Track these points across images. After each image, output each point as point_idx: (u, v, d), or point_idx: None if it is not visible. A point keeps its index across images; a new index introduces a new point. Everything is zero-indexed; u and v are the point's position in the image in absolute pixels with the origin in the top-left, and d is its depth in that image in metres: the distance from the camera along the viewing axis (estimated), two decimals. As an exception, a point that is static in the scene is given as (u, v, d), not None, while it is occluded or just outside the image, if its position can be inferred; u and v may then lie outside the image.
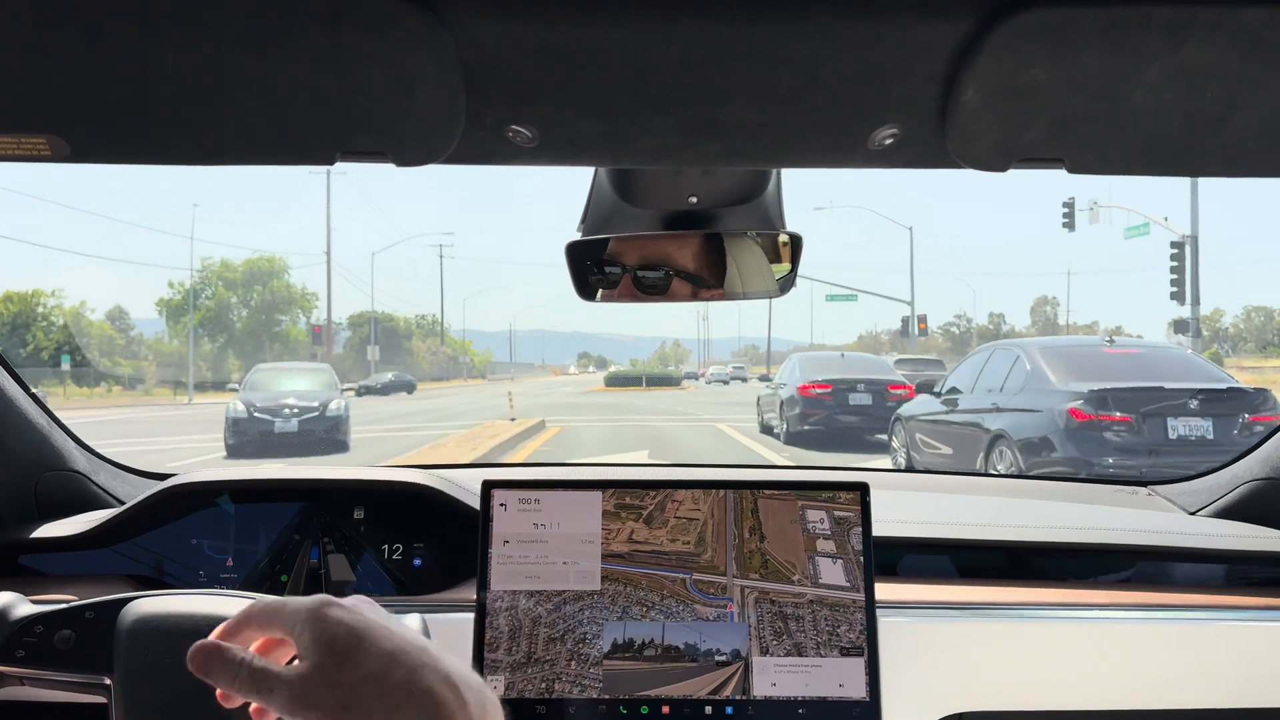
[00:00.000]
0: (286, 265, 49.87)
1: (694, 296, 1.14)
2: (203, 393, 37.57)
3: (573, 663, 1.04)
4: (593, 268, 1.15)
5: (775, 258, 1.16)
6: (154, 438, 14.54)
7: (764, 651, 1.04)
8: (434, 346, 66.89)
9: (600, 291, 1.16)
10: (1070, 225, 23.25)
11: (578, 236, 1.15)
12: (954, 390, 7.89)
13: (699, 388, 40.70)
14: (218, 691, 0.62)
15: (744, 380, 54.46)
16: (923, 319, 31.70)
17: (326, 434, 12.70)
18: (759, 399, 14.64)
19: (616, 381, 42.43)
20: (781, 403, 12.45)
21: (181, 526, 1.29)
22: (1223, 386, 6.62)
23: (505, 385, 51.03)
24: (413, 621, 0.96)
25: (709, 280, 1.13)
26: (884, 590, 1.13)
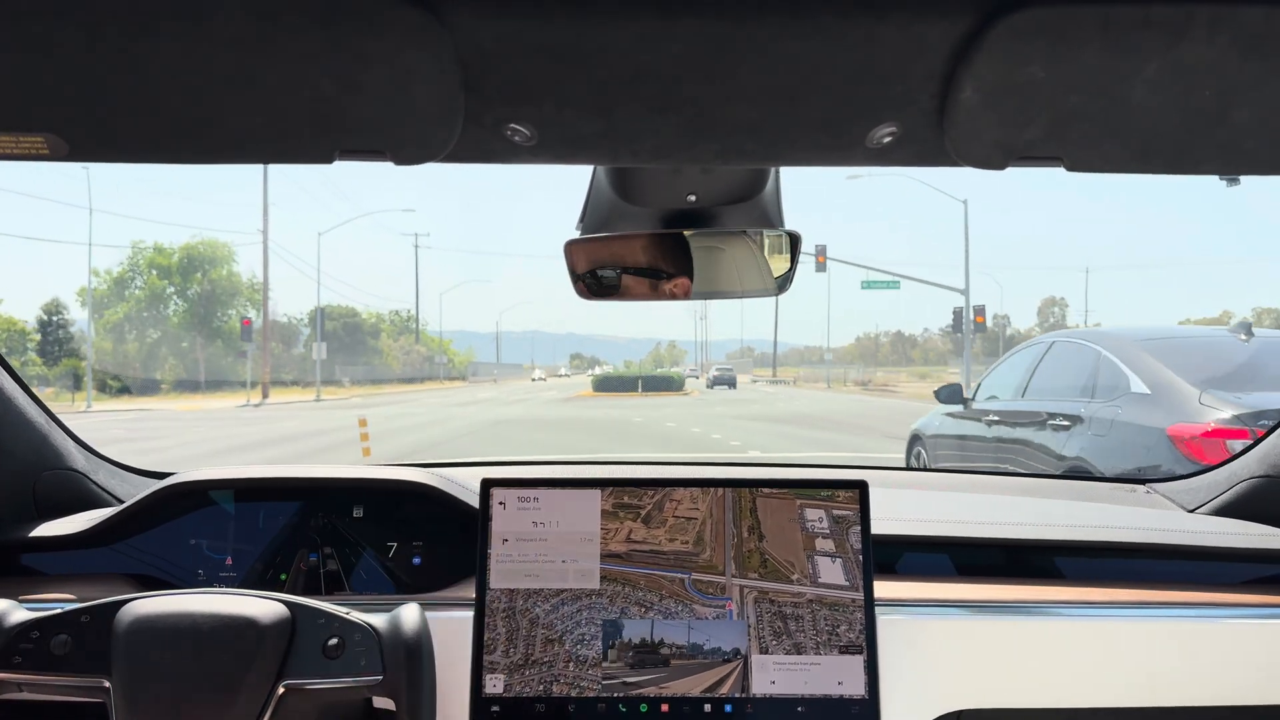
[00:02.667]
0: (231, 252, 48.95)
1: (689, 292, 1.24)
2: (114, 397, 34.98)
3: (570, 664, 1.14)
4: (588, 265, 1.25)
5: (774, 256, 1.30)
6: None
7: (763, 650, 1.14)
8: (407, 345, 65.29)
9: (595, 288, 1.26)
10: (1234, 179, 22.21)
11: (576, 235, 1.25)
12: (992, 398, 6.25)
13: (703, 393, 40.32)
14: None
15: (695, 378, 56.42)
16: (980, 310, 27.91)
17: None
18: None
19: (607, 385, 40.04)
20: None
21: (181, 525, 1.39)
22: None
23: (488, 389, 50.53)
24: (411, 609, 1.06)
25: (703, 274, 1.23)
26: (883, 588, 1.23)
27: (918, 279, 31.74)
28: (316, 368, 37.79)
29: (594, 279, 1.27)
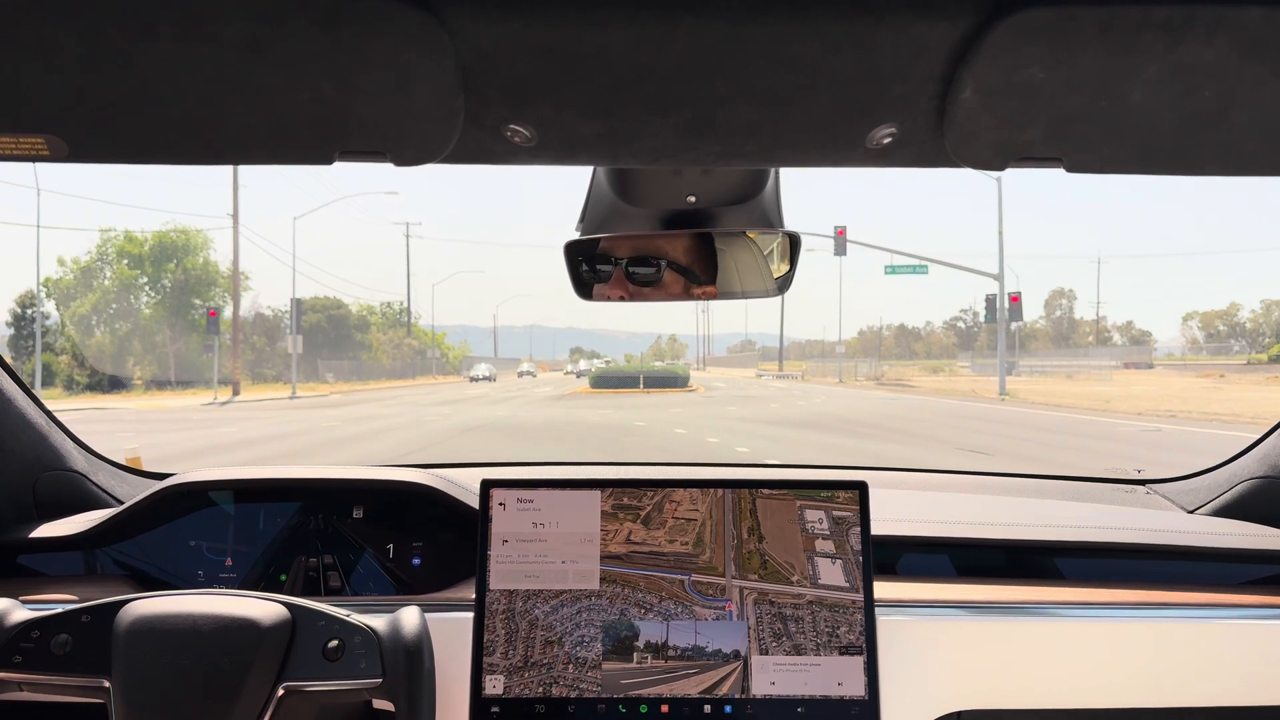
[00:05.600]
0: (208, 240, 48.51)
1: (687, 293, 1.31)
2: (76, 395, 34.34)
3: (570, 666, 1.20)
4: (587, 265, 1.32)
5: (774, 256, 1.36)
6: None
7: (763, 651, 1.21)
8: (397, 339, 64.84)
9: (595, 289, 1.33)
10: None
11: (576, 235, 1.32)
12: None
13: (709, 389, 39.79)
14: None
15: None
16: (1016, 294, 28.10)
17: None
18: None
19: (606, 382, 38.79)
20: None
21: (180, 526, 1.47)
22: None
23: (481, 384, 50.14)
24: (410, 612, 1.12)
25: (702, 275, 1.30)
26: (883, 589, 1.31)
27: (947, 263, 31.37)
28: (293, 362, 36.95)
29: (588, 277, 1.34)
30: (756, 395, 32.34)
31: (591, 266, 1.33)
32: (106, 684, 1.05)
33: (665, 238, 1.30)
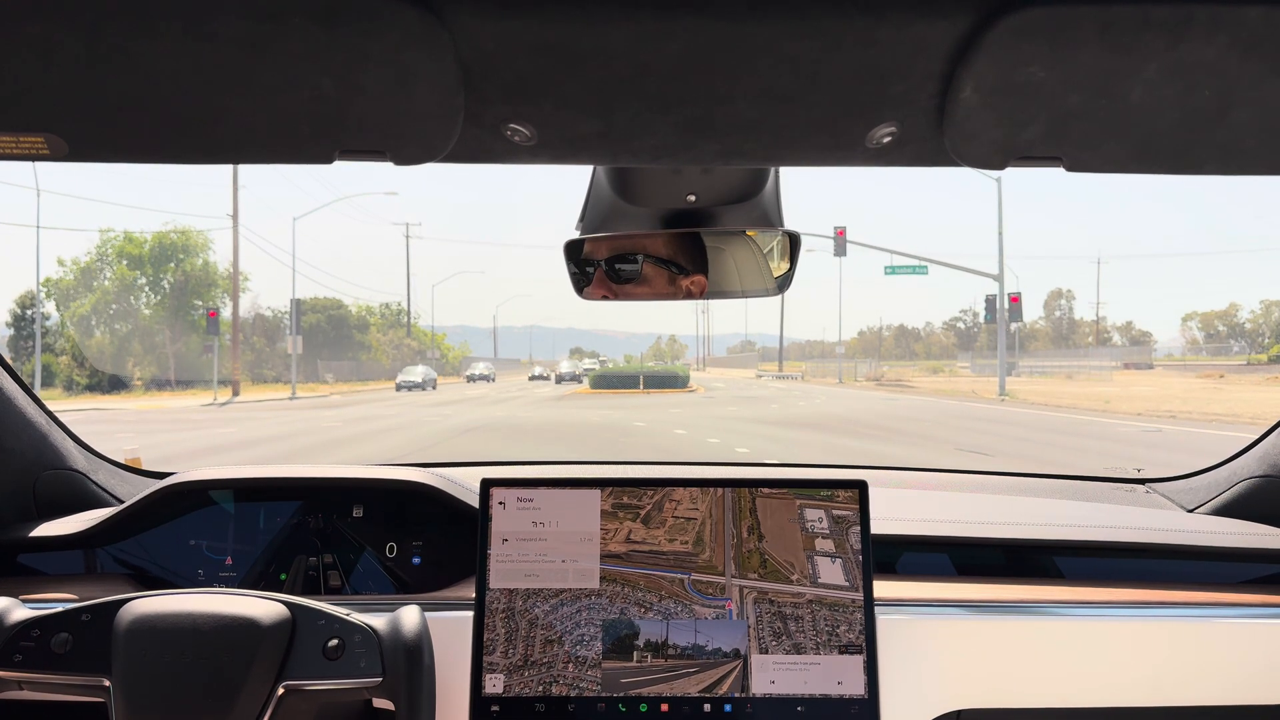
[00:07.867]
0: (207, 240, 48.55)
1: (674, 285, 1.31)
2: (75, 395, 34.23)
3: (570, 665, 1.21)
4: (576, 266, 1.33)
5: (774, 255, 1.37)
6: None
7: (763, 650, 1.21)
8: (397, 339, 64.93)
9: (584, 289, 1.33)
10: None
11: (576, 235, 1.32)
12: None
13: (709, 389, 39.55)
14: None
15: (546, 378, 57.14)
16: (1016, 295, 28.10)
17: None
18: None
19: (606, 383, 38.81)
20: None
21: (180, 525, 1.47)
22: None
23: (481, 385, 49.94)
24: (410, 611, 1.12)
25: (688, 265, 1.30)
26: (882, 588, 1.31)
27: (947, 263, 31.42)
28: (293, 363, 36.89)
29: (579, 278, 1.34)
30: (756, 396, 32.23)
31: (578, 266, 1.33)
32: (106, 683, 1.05)
33: (666, 237, 1.30)
